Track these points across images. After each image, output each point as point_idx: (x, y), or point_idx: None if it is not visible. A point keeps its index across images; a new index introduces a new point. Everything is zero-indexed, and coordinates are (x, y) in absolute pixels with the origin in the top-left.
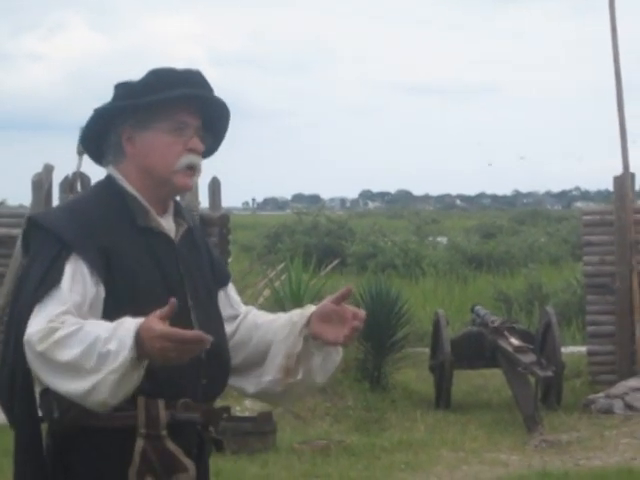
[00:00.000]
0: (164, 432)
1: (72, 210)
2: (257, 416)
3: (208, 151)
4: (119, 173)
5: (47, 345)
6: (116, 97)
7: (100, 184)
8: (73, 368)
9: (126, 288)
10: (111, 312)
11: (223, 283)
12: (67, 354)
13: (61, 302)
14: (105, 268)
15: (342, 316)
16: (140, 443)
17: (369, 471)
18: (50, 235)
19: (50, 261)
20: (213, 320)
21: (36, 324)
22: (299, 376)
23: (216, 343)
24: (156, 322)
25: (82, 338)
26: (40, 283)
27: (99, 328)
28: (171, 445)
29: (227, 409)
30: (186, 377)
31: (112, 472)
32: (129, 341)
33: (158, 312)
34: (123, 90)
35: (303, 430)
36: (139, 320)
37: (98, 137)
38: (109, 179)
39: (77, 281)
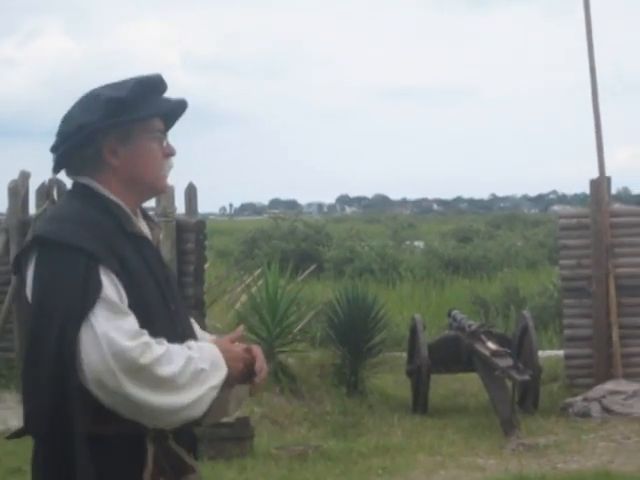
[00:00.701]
0: (170, 434)
1: (77, 222)
2: (234, 422)
3: None
4: (97, 183)
5: (150, 360)
6: (107, 113)
7: (79, 194)
8: (171, 383)
9: (135, 294)
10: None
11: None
12: (168, 370)
13: (125, 313)
14: (125, 278)
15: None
16: (151, 446)
17: (346, 476)
18: (72, 250)
19: (84, 272)
20: (189, 320)
21: (123, 338)
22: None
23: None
24: (231, 345)
25: (177, 356)
26: (83, 295)
27: (183, 348)
28: (175, 447)
29: None
30: None
31: (124, 476)
32: (222, 361)
33: (228, 337)
34: (113, 105)
35: (280, 435)
36: (213, 345)
37: (88, 146)
38: (87, 189)
39: (116, 290)
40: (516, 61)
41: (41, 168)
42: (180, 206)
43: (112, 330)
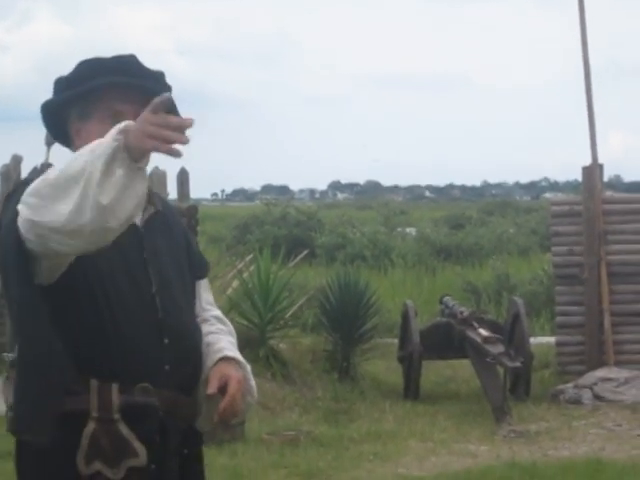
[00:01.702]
0: (117, 416)
1: None
2: None
3: None
4: None
5: (38, 184)
6: (55, 92)
7: None
8: (62, 179)
9: (84, 272)
10: (69, 297)
11: (197, 276)
12: (53, 173)
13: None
14: None
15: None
16: (90, 427)
17: (338, 462)
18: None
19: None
20: (181, 306)
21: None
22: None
23: (182, 329)
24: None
25: (69, 157)
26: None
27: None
28: (124, 429)
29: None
30: (146, 362)
31: (62, 456)
32: (114, 130)
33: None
34: (59, 84)
35: (272, 421)
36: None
37: (61, 127)
38: None
39: None
40: (508, 49)
41: (33, 152)
42: (172, 191)
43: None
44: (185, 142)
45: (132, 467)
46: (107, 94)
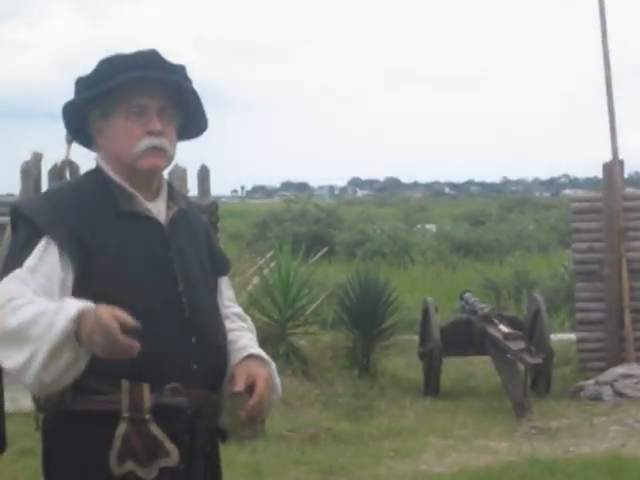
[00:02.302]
0: (148, 416)
1: (49, 197)
2: None
3: (190, 131)
4: (104, 161)
5: (1, 315)
6: (77, 92)
7: (88, 172)
8: (16, 337)
9: (106, 273)
10: (97, 298)
11: (220, 273)
12: (13, 321)
13: (23, 282)
14: (78, 252)
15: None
16: (122, 427)
17: (358, 458)
18: (26, 221)
19: (23, 242)
20: (207, 304)
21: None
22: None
23: (208, 328)
24: (106, 311)
25: (31, 309)
26: (7, 265)
27: (49, 302)
28: (155, 429)
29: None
30: (175, 362)
31: (94, 457)
32: (71, 313)
33: (120, 312)
34: (80, 84)
35: (292, 417)
36: (89, 303)
37: (82, 127)
38: (96, 167)
39: (45, 262)
40: (529, 44)
41: (54, 149)
42: (193, 188)
43: None
44: (122, 355)
45: (164, 467)
46: (130, 90)
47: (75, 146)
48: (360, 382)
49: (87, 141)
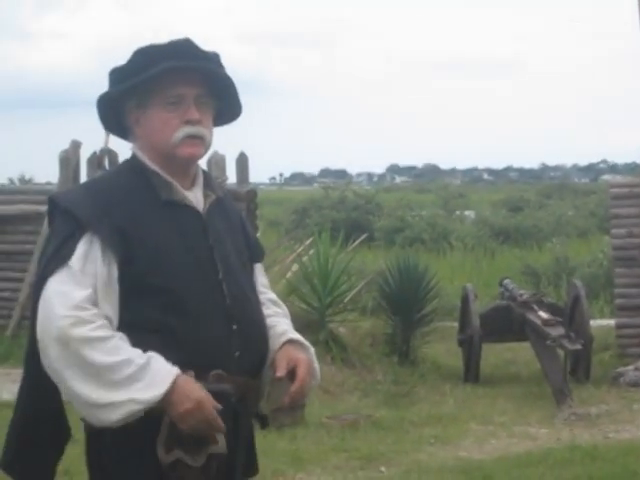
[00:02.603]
0: None
1: (89, 189)
2: None
3: (224, 116)
4: (140, 151)
5: (80, 335)
6: (111, 83)
7: (125, 162)
8: (98, 374)
9: (150, 263)
10: (137, 287)
11: (255, 260)
12: (99, 357)
13: (80, 285)
14: (122, 246)
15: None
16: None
17: (398, 445)
18: (66, 214)
19: (63, 239)
20: (246, 292)
21: (61, 305)
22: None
23: (248, 315)
24: (197, 386)
25: (116, 349)
26: (50, 259)
27: (132, 350)
28: None
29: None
30: (218, 349)
31: (142, 445)
32: (166, 383)
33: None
34: (115, 75)
35: (332, 404)
36: (176, 370)
37: (116, 118)
38: (133, 157)
39: (90, 260)
40: (565, 31)
41: (92, 138)
42: (231, 176)
43: (56, 295)
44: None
45: (211, 453)
46: (166, 80)
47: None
48: (400, 369)
49: (122, 131)
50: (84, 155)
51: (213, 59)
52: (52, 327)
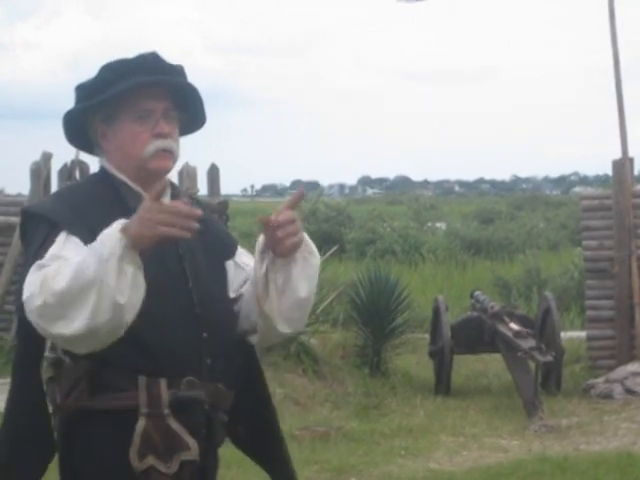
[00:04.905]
0: (167, 411)
1: (60, 195)
2: None
3: (187, 127)
4: (108, 163)
5: (43, 291)
6: (78, 99)
7: (92, 175)
8: (74, 289)
9: None
10: None
11: (231, 254)
12: (61, 281)
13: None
14: None
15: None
16: (142, 423)
17: (369, 457)
18: (40, 219)
19: (42, 239)
20: (215, 300)
21: (27, 286)
22: (271, 294)
23: (219, 323)
24: (147, 201)
25: (72, 262)
26: (34, 257)
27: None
28: (174, 424)
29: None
30: (189, 357)
31: (113, 454)
32: (116, 228)
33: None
34: (81, 91)
35: (303, 416)
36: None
37: (82, 134)
38: (101, 169)
39: (68, 248)
40: (537, 41)
41: (63, 149)
42: (203, 187)
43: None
44: (194, 228)
45: (184, 460)
46: (134, 94)
47: None
48: (371, 381)
49: (88, 146)
50: (55, 167)
51: (180, 72)
52: (29, 306)
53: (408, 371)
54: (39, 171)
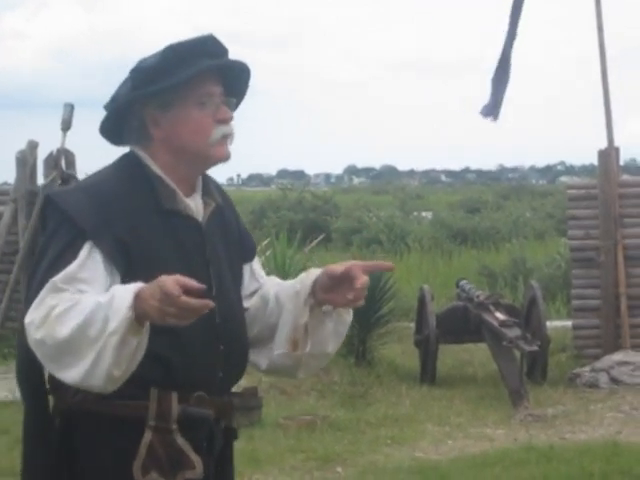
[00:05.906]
0: (175, 426)
1: (91, 194)
2: (242, 391)
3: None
4: (146, 153)
5: (45, 328)
6: (136, 84)
7: (123, 164)
8: (73, 344)
9: (146, 279)
10: None
11: (250, 258)
12: (64, 330)
13: (57, 291)
14: (123, 257)
15: (348, 276)
16: (148, 435)
17: (354, 446)
18: (67, 219)
19: (64, 245)
20: (235, 311)
21: (34, 308)
22: (307, 348)
23: (236, 335)
24: (169, 279)
25: (80, 310)
26: (51, 266)
27: (98, 296)
28: (180, 440)
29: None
30: (204, 370)
31: (115, 462)
32: (128, 299)
33: (176, 277)
34: (142, 75)
35: (288, 405)
36: (140, 284)
37: (117, 121)
38: (132, 159)
39: (86, 268)
40: (524, 31)
41: (49, 138)
42: None
43: (36, 301)
44: (197, 316)
45: (188, 479)
46: (197, 79)
47: (70, 134)
48: (356, 370)
49: (117, 134)
50: (41, 155)
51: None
52: (28, 333)
53: (394, 360)
54: (25, 160)
